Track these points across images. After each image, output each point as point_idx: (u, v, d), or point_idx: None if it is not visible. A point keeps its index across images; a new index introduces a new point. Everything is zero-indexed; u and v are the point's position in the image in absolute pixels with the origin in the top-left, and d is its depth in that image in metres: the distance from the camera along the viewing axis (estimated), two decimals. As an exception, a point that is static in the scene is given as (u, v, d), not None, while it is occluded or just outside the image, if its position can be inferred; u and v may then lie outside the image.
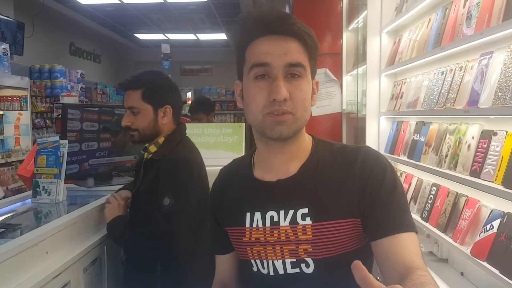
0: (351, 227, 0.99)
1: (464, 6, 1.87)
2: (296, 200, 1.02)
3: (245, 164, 1.16)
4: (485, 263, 1.51)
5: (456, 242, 1.73)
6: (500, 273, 1.42)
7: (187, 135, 1.96)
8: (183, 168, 1.77)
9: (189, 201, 1.74)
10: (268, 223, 1.04)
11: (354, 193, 0.99)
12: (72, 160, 2.32)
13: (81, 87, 6.87)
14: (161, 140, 1.86)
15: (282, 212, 1.03)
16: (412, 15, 2.44)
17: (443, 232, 1.86)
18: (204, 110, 3.95)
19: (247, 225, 1.07)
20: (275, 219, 1.03)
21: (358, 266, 0.60)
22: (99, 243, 1.83)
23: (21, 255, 1.35)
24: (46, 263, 1.49)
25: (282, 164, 1.07)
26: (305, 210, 1.01)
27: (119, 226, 1.81)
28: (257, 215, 1.06)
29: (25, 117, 4.92)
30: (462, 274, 1.95)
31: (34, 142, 4.85)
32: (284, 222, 1.02)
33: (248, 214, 1.07)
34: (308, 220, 1.00)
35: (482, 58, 1.72)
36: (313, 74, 1.05)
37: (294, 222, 1.01)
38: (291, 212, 1.02)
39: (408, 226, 0.95)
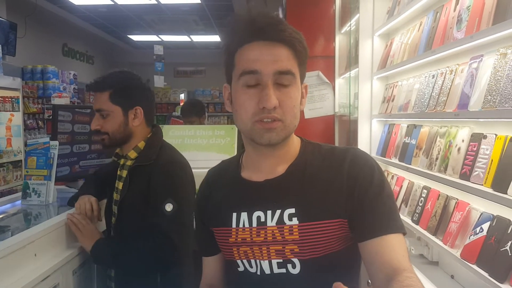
0: (338, 227, 0.99)
1: (454, 10, 1.89)
2: (283, 200, 1.02)
3: (233, 165, 1.16)
4: (474, 266, 1.52)
5: (446, 245, 1.74)
6: (490, 276, 1.43)
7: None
8: (178, 171, 1.73)
9: (189, 203, 1.69)
10: (254, 223, 1.04)
11: (341, 193, 0.99)
12: (63, 162, 2.31)
13: (74, 88, 6.84)
14: (141, 144, 1.77)
15: (269, 212, 1.02)
16: (404, 18, 2.46)
17: (433, 235, 1.87)
18: (196, 112, 3.97)
19: (233, 225, 1.06)
20: (262, 219, 1.03)
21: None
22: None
23: (9, 257, 1.34)
24: (35, 266, 1.48)
25: (270, 166, 1.07)
26: (292, 210, 1.00)
27: (108, 249, 1.70)
28: (244, 215, 1.05)
29: (17, 118, 4.88)
30: (452, 277, 1.95)
31: (25, 143, 4.83)
32: (271, 222, 1.02)
33: (234, 214, 1.07)
34: (295, 221, 1.00)
35: (472, 61, 1.73)
36: (302, 78, 1.05)
37: (281, 222, 1.01)
38: (278, 212, 1.01)
39: (396, 227, 0.95)
